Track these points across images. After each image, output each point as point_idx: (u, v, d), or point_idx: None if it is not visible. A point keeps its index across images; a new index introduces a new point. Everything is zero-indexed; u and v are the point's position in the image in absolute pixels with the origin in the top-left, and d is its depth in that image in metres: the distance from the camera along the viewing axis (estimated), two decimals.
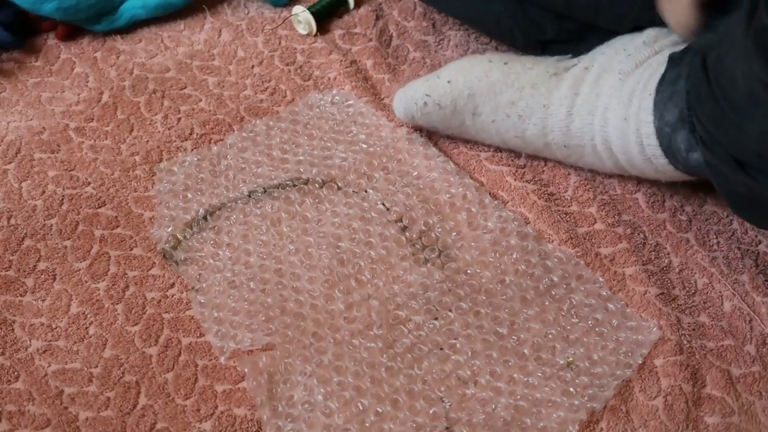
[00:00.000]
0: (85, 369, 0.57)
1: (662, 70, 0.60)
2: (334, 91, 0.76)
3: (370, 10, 0.84)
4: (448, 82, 0.67)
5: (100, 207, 0.67)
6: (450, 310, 0.60)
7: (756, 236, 0.66)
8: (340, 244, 0.64)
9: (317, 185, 0.68)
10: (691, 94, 0.57)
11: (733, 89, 0.53)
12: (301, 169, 0.69)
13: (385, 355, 0.57)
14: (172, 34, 0.82)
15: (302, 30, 0.82)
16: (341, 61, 0.78)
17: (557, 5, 0.66)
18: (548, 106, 0.65)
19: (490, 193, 0.68)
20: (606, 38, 0.67)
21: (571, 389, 0.56)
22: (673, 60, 0.60)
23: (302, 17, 0.81)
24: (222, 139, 0.72)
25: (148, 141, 0.72)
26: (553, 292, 0.61)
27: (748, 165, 0.54)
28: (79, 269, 0.63)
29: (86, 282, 0.62)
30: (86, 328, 0.59)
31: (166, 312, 0.60)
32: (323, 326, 0.59)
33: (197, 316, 0.60)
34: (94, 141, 0.72)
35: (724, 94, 0.53)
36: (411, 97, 0.69)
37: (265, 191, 0.68)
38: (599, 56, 0.65)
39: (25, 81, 0.78)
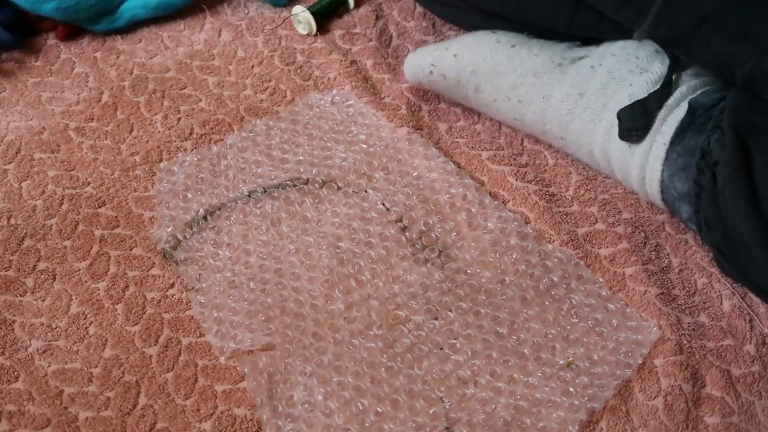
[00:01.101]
0: (85, 369, 0.57)
1: (679, 114, 0.59)
2: (334, 91, 0.76)
3: (370, 10, 0.84)
4: (454, 55, 0.68)
5: (100, 207, 0.67)
6: (450, 310, 0.60)
7: None
8: (340, 244, 0.64)
9: (317, 185, 0.68)
10: (702, 201, 0.56)
11: (739, 233, 0.53)
12: (301, 169, 0.69)
13: (385, 355, 0.57)
14: (172, 34, 0.82)
15: (302, 30, 0.82)
16: (341, 61, 0.78)
17: (559, 27, 0.66)
18: (548, 98, 0.65)
19: (491, 193, 0.68)
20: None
21: (571, 389, 0.56)
22: (693, 112, 0.59)
23: (302, 17, 0.81)
24: (222, 139, 0.72)
25: (148, 141, 0.72)
26: (553, 292, 0.61)
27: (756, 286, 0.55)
28: (79, 269, 0.63)
29: (86, 282, 0.62)
30: (86, 328, 0.59)
31: (166, 312, 0.60)
32: (323, 326, 0.59)
33: (197, 316, 0.60)
34: (94, 141, 0.72)
35: (729, 229, 0.54)
36: (418, 63, 0.71)
37: (265, 191, 0.68)
38: (609, 57, 0.64)
39: (25, 81, 0.78)
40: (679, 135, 0.58)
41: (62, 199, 0.67)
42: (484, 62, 0.67)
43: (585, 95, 0.63)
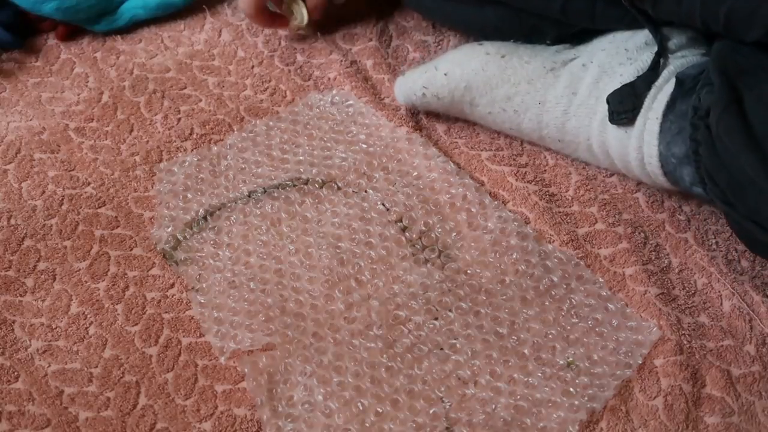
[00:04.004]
0: (85, 369, 0.57)
1: (668, 90, 0.59)
2: (334, 91, 0.76)
3: (370, 11, 0.84)
4: (445, 74, 0.68)
5: (100, 207, 0.67)
6: (450, 310, 0.60)
7: None
8: (340, 244, 0.64)
9: (317, 185, 0.68)
10: (701, 155, 0.56)
11: (742, 170, 0.53)
12: (301, 169, 0.69)
13: (385, 355, 0.57)
14: (172, 34, 0.82)
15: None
16: (341, 61, 0.78)
17: (553, 12, 0.66)
18: (543, 103, 0.65)
19: (490, 193, 0.68)
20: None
21: (571, 389, 0.56)
22: (682, 84, 0.59)
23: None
24: (222, 139, 0.72)
25: (148, 141, 0.72)
26: (553, 293, 0.61)
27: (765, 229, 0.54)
28: (79, 269, 0.63)
29: (86, 282, 0.62)
30: (86, 328, 0.59)
31: (166, 312, 0.60)
32: (323, 326, 0.59)
33: (197, 316, 0.60)
34: (94, 141, 0.72)
35: (732, 171, 0.54)
36: (410, 87, 0.71)
37: (265, 191, 0.68)
38: (599, 52, 0.65)
39: (25, 81, 0.78)
40: (669, 107, 0.59)
41: (62, 199, 0.67)
42: (476, 76, 0.67)
43: (578, 93, 0.64)
